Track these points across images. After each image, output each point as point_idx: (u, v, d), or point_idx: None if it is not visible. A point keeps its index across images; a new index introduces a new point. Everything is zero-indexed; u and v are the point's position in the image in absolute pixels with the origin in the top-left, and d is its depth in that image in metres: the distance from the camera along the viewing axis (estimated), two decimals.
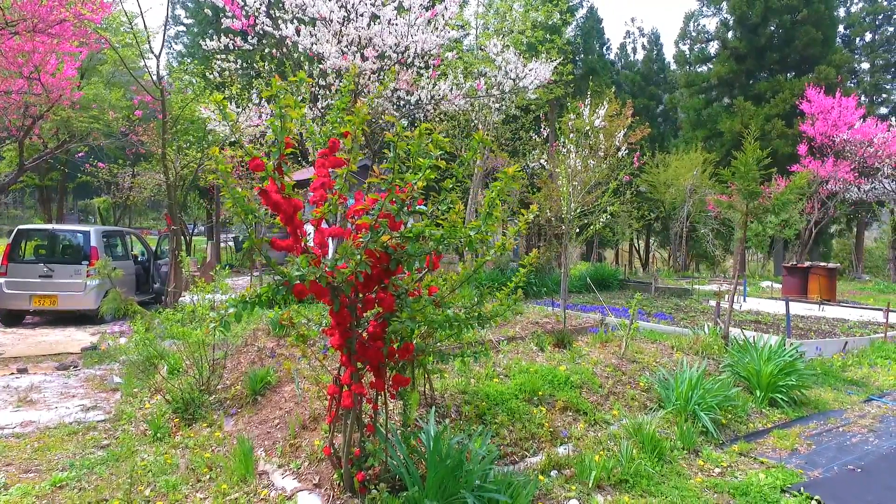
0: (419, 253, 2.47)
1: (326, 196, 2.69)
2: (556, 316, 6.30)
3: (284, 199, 2.36)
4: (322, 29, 7.95)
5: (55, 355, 7.06)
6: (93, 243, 9.29)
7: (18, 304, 9.02)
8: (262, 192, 2.35)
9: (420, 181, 2.54)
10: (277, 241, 2.48)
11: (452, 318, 2.60)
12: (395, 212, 2.42)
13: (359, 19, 7.85)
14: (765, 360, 5.19)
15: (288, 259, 2.49)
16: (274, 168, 2.33)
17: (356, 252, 2.34)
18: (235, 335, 6.31)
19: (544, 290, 14.00)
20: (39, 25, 8.71)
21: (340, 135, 2.78)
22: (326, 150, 2.80)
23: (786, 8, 24.51)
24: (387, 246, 2.45)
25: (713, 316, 9.99)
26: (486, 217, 2.62)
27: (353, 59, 7.62)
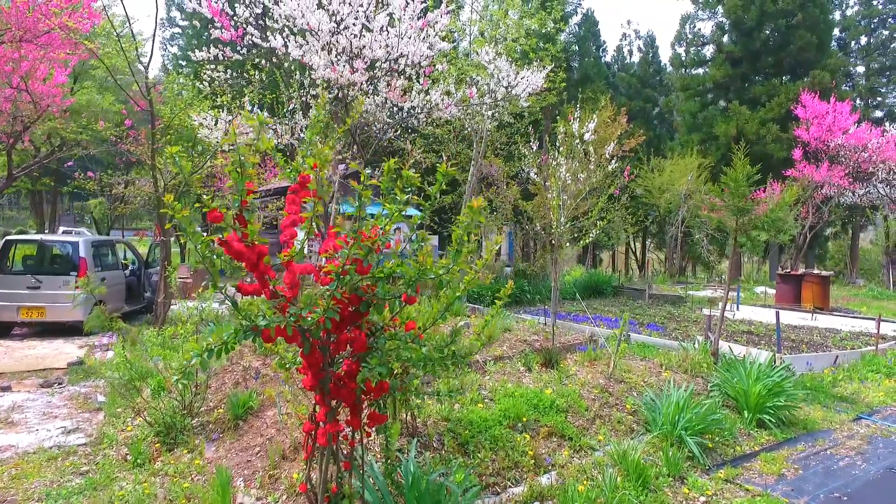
0: (389, 295, 2.42)
1: (297, 234, 2.64)
2: (545, 333, 6.25)
3: (248, 248, 2.31)
4: (311, 40, 7.90)
5: (40, 371, 6.99)
6: (82, 254, 9.21)
7: (6, 316, 8.94)
8: (223, 243, 2.30)
9: (388, 224, 2.50)
10: (244, 285, 2.42)
11: (426, 358, 2.55)
12: (362, 256, 2.37)
13: (348, 30, 7.82)
14: (753, 380, 5.16)
15: (252, 303, 2.44)
16: (234, 218, 2.28)
17: (324, 298, 2.30)
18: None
19: (537, 298, 13.97)
20: (27, 36, 8.65)
21: (311, 168, 2.73)
22: (297, 186, 2.75)
23: (781, 12, 24.53)
24: (357, 288, 2.40)
25: (705, 323, 9.97)
26: (454, 255, 2.57)
27: (343, 69, 7.57)
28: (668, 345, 8.17)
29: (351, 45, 7.83)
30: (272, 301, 2.39)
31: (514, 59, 11.12)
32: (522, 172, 18.59)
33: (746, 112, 24.72)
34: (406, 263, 2.44)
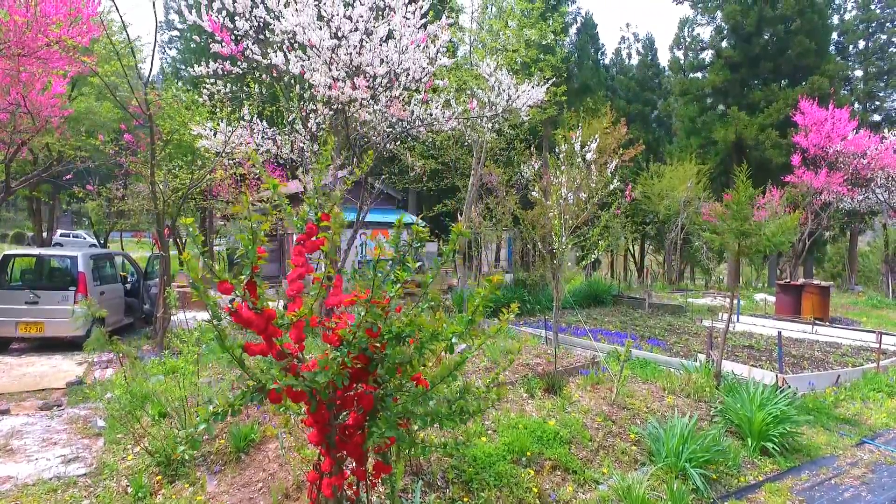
0: (399, 359, 2.39)
1: (303, 287, 2.61)
2: (547, 357, 6.23)
3: (257, 315, 2.28)
4: (312, 55, 7.87)
5: (39, 391, 6.94)
6: (81, 269, 9.16)
7: (4, 332, 8.89)
8: (232, 313, 2.27)
9: (398, 291, 2.47)
10: (251, 345, 2.40)
11: (435, 413, 2.53)
12: (372, 324, 2.34)
13: (349, 45, 7.79)
14: (757, 406, 5.14)
15: (261, 366, 2.41)
16: (244, 287, 2.26)
17: (331, 364, 2.27)
18: (223, 378, 6.22)
19: (537, 308, 13.95)
20: (25, 51, 8.59)
21: (318, 220, 2.71)
22: (304, 236, 2.72)
23: (780, 18, 24.58)
24: (365, 348, 2.37)
25: (706, 341, 9.95)
26: (468, 323, 2.55)
27: (344, 87, 7.54)
28: (669, 362, 8.17)
29: (352, 61, 7.80)
30: (281, 362, 2.36)
31: (515, 70, 11.09)
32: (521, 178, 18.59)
33: (745, 117, 24.76)
34: (416, 324, 2.41)
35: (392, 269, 2.64)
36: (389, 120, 8.34)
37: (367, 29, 7.88)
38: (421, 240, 2.71)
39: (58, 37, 8.68)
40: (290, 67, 7.51)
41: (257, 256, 2.30)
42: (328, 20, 7.97)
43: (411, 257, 2.70)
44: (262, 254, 2.44)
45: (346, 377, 2.30)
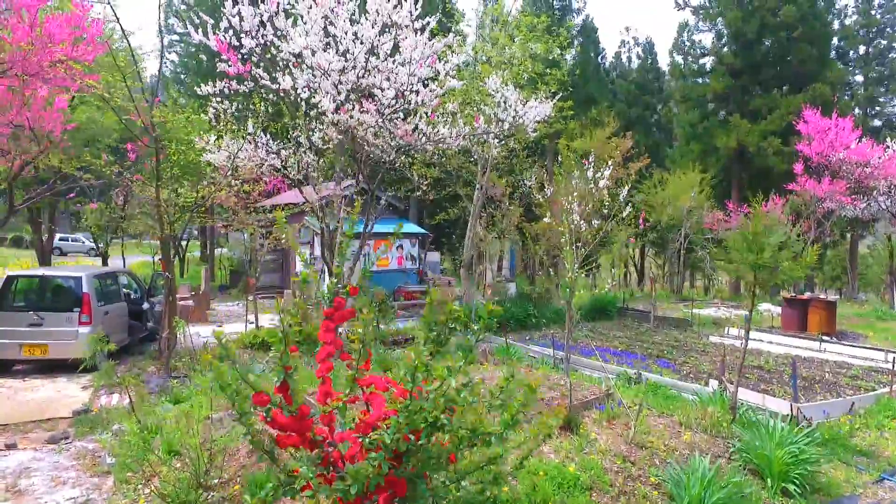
0: (437, 455, 2.32)
1: (332, 367, 2.54)
2: (563, 391, 6.15)
3: (293, 419, 2.21)
4: (321, 77, 7.80)
5: (45, 421, 6.85)
6: (85, 290, 9.07)
7: (7, 354, 8.80)
8: (269, 423, 2.20)
9: (439, 397, 2.38)
10: (283, 438, 2.32)
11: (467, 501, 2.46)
12: (412, 429, 2.25)
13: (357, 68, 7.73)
14: (776, 444, 5.07)
15: (294, 462, 2.33)
16: (278, 389, 2.18)
17: (367, 468, 2.19)
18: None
19: (543, 322, 13.90)
20: (30, 71, 8.50)
21: (347, 293, 2.63)
22: (332, 310, 2.65)
23: (781, 25, 24.55)
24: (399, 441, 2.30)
25: (718, 365, 9.89)
26: (506, 426, 2.47)
27: (353, 111, 7.48)
28: (680, 387, 8.11)
29: (359, 83, 7.74)
30: (314, 455, 2.28)
31: (521, 84, 11.02)
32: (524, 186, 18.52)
33: (747, 125, 24.74)
34: (456, 420, 2.33)
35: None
36: (397, 141, 8.29)
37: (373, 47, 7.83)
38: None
39: (62, 57, 8.60)
40: (299, 91, 7.44)
41: (289, 358, 2.22)
42: (337, 42, 7.91)
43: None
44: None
45: (382, 478, 2.22)
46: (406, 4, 9.18)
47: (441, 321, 2.68)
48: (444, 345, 2.60)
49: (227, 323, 14.29)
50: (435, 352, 2.58)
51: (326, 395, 2.46)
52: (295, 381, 2.28)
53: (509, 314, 13.30)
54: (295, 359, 2.33)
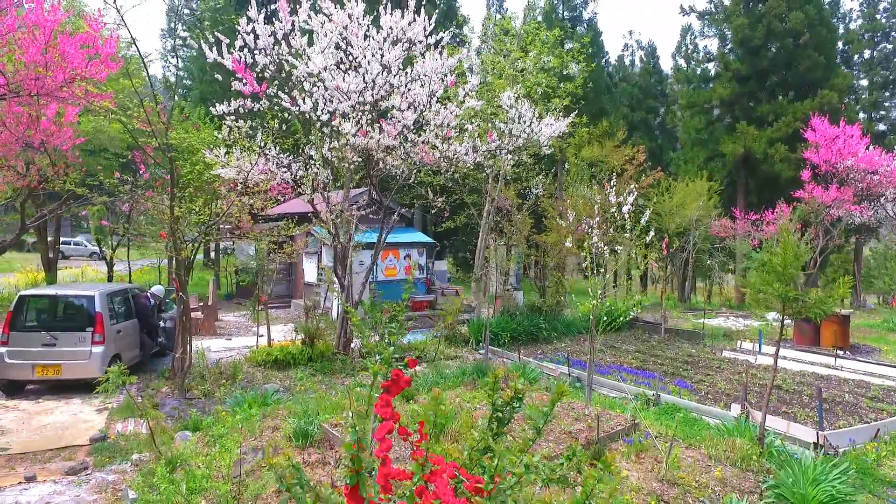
0: None
1: (392, 445, 2.46)
2: (588, 422, 6.08)
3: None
4: (337, 96, 7.73)
5: (62, 449, 6.78)
6: (97, 309, 9.00)
7: (20, 375, 8.72)
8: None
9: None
10: None
11: None
12: None
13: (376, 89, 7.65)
14: (810, 482, 5.01)
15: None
16: (349, 495, 2.10)
17: None
18: (253, 439, 6.06)
19: (553, 335, 13.82)
20: (44, 91, 8.43)
21: (404, 365, 2.56)
22: (389, 383, 2.57)
23: (788, 32, 24.47)
24: None
25: (731, 375, 9.82)
26: None
27: (372, 132, 7.40)
28: (701, 410, 8.03)
29: (378, 104, 7.67)
30: None
31: (536, 99, 10.95)
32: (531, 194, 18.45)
33: (754, 131, 24.66)
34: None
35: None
36: (415, 161, 8.22)
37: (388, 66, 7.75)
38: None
39: (75, 76, 8.54)
40: (320, 113, 7.36)
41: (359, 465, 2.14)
42: (354, 61, 7.83)
43: None
44: None
45: None
46: (420, 20, 9.13)
47: (506, 398, 2.61)
48: (508, 423, 2.52)
49: (236, 336, 14.20)
50: (499, 432, 2.50)
51: (387, 477, 2.37)
52: (368, 485, 2.19)
53: (521, 328, 13.24)
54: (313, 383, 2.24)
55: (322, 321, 11.74)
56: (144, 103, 7.66)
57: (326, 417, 6.24)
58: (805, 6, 24.35)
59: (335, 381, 9.84)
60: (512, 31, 12.18)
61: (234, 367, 9.86)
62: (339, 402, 6.95)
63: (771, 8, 24.58)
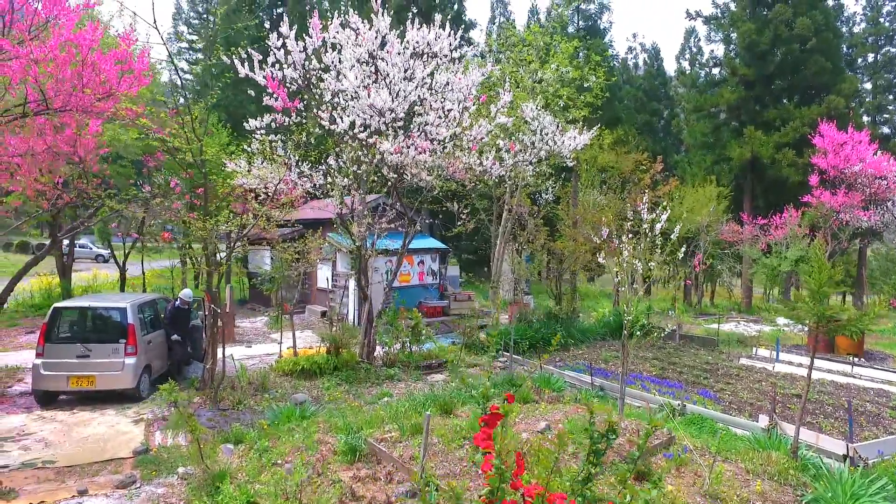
0: None
1: (525, 469, 2.61)
2: (627, 436, 6.22)
3: None
4: (369, 113, 7.87)
5: (108, 462, 6.91)
6: (130, 320, 9.14)
7: (55, 386, 8.85)
8: None
9: None
10: None
11: None
12: None
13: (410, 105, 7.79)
14: (849, 497, 5.16)
15: None
16: None
17: None
18: (302, 457, 6.19)
19: (571, 343, 13.98)
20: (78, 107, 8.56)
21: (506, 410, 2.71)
22: (489, 417, 2.72)
23: (795, 37, 24.65)
24: None
25: (751, 384, 9.98)
26: None
27: (409, 151, 7.55)
28: (726, 420, 8.18)
29: (413, 120, 7.81)
30: None
31: (557, 111, 11.10)
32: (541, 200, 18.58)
33: (761, 136, 24.84)
34: None
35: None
36: (446, 177, 8.37)
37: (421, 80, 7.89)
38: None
39: (111, 92, 8.67)
40: (357, 133, 7.50)
41: None
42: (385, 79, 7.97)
43: None
44: None
45: None
46: (445, 34, 9.28)
47: (601, 432, 2.76)
48: (604, 454, 2.67)
49: (255, 342, 14.33)
50: (597, 462, 2.65)
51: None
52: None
53: (539, 335, 13.39)
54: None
55: (342, 327, 11.89)
56: (185, 121, 7.79)
57: (370, 432, 6.38)
58: (811, 11, 24.53)
59: (361, 390, 9.98)
60: (531, 40, 12.32)
61: (262, 377, 9.99)
62: (378, 414, 7.09)
63: (777, 14, 24.76)
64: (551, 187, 17.67)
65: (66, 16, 8.39)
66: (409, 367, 11.22)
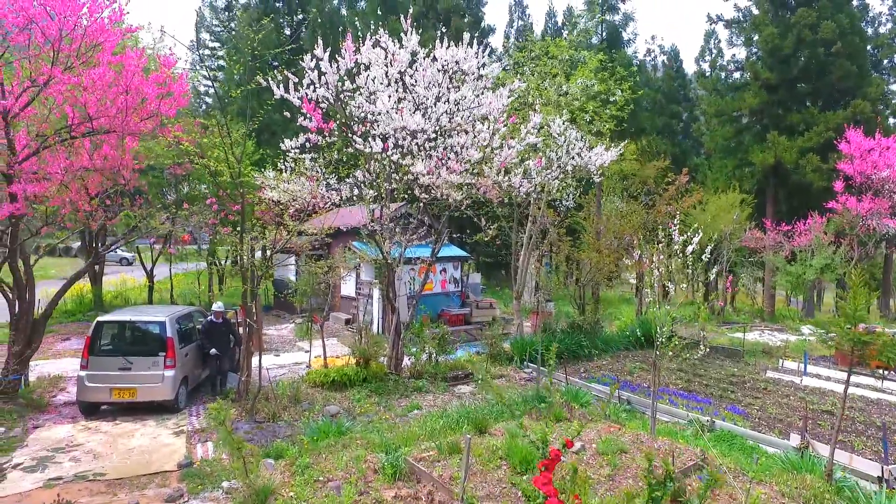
0: None
1: None
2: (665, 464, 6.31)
3: None
4: (408, 138, 8.05)
5: (154, 475, 7.18)
6: (168, 334, 9.45)
7: (99, 397, 9.18)
8: None
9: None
10: None
11: None
12: None
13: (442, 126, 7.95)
14: None
15: None
16: None
17: None
18: (340, 471, 6.38)
19: (594, 353, 14.04)
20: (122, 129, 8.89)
21: (564, 445, 2.84)
22: (549, 461, 2.86)
23: (820, 41, 24.35)
24: None
25: (780, 399, 9.97)
26: None
27: (440, 172, 7.72)
28: (757, 438, 8.21)
29: (443, 141, 7.98)
30: None
31: (584, 124, 11.19)
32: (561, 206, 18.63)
33: (785, 141, 24.60)
34: None
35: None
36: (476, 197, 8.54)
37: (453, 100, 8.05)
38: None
39: (152, 114, 8.99)
40: (390, 155, 7.69)
41: None
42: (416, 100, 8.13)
43: None
44: None
45: None
46: (472, 53, 9.43)
47: (660, 477, 2.89)
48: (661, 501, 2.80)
49: (283, 351, 14.61)
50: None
51: None
52: None
53: (563, 345, 13.46)
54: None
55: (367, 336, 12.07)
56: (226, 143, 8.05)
57: (408, 450, 6.55)
58: (837, 15, 24.23)
59: (391, 402, 10.17)
60: (555, 53, 12.41)
61: (295, 389, 10.24)
62: (413, 431, 7.27)
63: (801, 17, 24.49)
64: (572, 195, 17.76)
65: (109, 40, 8.71)
66: (436, 379, 11.39)
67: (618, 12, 31.42)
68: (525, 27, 43.53)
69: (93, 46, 8.54)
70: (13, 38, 8.53)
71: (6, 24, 8.50)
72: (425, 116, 7.71)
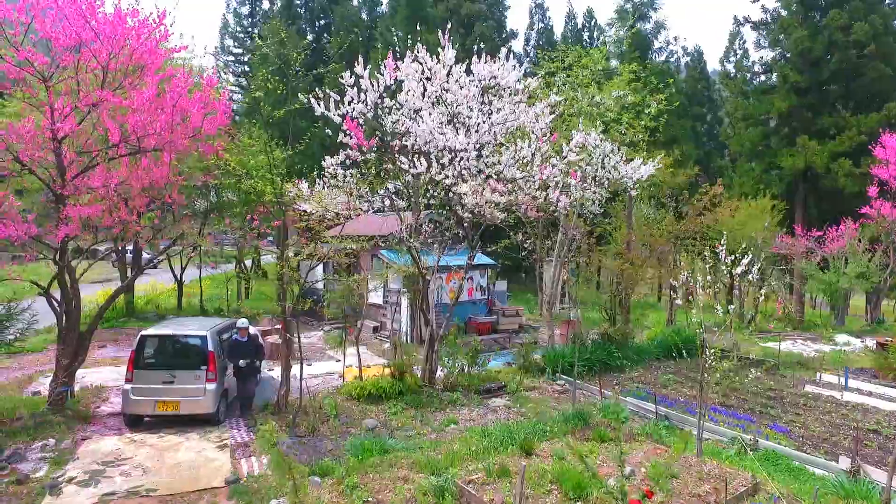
0: None
1: None
2: (714, 485, 6.25)
3: None
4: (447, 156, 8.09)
5: (203, 491, 7.29)
6: (210, 348, 9.58)
7: (143, 410, 9.36)
8: None
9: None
10: None
11: None
12: None
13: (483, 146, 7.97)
14: None
15: None
16: None
17: None
18: (388, 492, 6.43)
19: (626, 364, 13.93)
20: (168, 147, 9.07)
21: (642, 495, 2.83)
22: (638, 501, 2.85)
23: (852, 43, 23.87)
24: None
25: (822, 416, 9.80)
26: None
27: (484, 190, 7.74)
28: (803, 459, 8.08)
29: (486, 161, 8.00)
30: None
31: (618, 135, 11.13)
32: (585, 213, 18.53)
33: (815, 145, 24.16)
34: None
35: None
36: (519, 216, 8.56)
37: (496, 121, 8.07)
38: None
39: (196, 133, 9.15)
40: (433, 174, 7.74)
41: None
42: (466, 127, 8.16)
43: None
44: None
45: None
46: (509, 66, 9.43)
47: None
48: None
49: (314, 361, 14.72)
50: None
51: None
52: None
53: (595, 357, 13.40)
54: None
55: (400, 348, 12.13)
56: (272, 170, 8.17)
57: (455, 472, 6.58)
58: (870, 16, 23.72)
59: (427, 415, 10.20)
60: (587, 63, 12.34)
61: (333, 403, 10.32)
62: (458, 452, 7.29)
63: (832, 20, 24.03)
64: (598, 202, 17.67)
65: (156, 62, 8.89)
66: (470, 391, 11.40)
67: (649, 20, 31.11)
68: (546, 29, 43.34)
69: (140, 67, 8.72)
70: (62, 59, 8.75)
71: (56, 45, 8.72)
72: (468, 135, 7.74)
